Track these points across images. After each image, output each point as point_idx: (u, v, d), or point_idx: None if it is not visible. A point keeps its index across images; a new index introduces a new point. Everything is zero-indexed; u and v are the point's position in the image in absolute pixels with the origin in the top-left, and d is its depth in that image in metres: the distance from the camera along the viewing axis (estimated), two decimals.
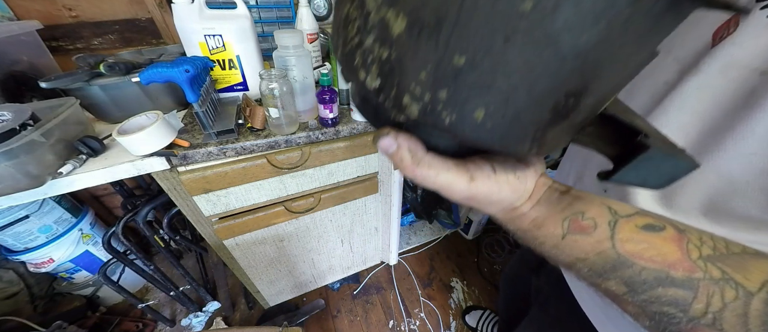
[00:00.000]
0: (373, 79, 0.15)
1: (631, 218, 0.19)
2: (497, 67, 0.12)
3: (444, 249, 1.53)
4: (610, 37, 0.12)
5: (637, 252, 0.18)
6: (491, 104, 0.13)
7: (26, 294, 0.98)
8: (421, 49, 0.13)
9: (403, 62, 0.14)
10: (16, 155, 0.46)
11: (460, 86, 0.13)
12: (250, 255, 0.91)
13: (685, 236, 0.18)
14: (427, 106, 0.14)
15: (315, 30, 0.82)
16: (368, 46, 0.15)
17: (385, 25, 0.14)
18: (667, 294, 0.17)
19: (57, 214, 0.96)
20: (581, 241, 0.19)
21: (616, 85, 0.15)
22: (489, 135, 0.15)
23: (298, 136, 0.67)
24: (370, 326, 1.22)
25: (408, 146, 0.19)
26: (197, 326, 1.17)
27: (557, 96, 0.13)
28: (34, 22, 0.74)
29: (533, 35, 0.11)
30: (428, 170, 0.19)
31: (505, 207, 0.22)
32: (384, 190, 1.01)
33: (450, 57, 0.13)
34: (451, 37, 0.12)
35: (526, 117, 0.14)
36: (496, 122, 0.14)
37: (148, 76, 0.51)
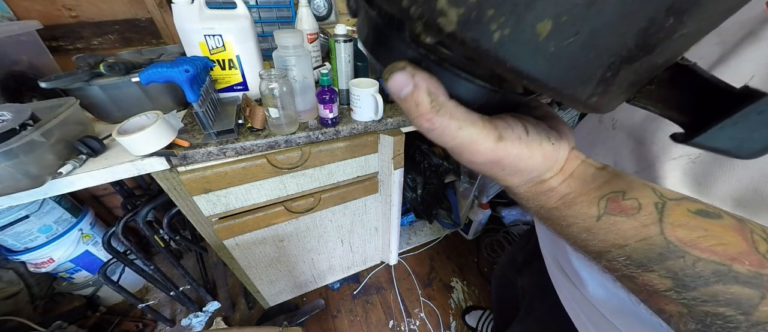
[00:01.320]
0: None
1: (681, 202, 0.16)
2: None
3: (444, 249, 1.53)
4: None
5: (691, 241, 0.15)
6: (565, 13, 0.10)
7: (26, 294, 0.98)
8: None
9: None
10: (15, 155, 0.46)
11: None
12: (250, 255, 0.91)
13: (747, 226, 0.15)
14: (470, 12, 0.10)
15: (315, 30, 0.82)
16: None
17: None
18: (728, 291, 0.14)
19: (57, 214, 0.96)
20: (621, 224, 0.16)
21: (708, 24, 0.12)
22: (549, 64, 0.11)
23: (298, 136, 0.67)
24: (370, 326, 1.22)
25: (427, 86, 0.14)
26: (197, 326, 1.17)
27: (658, 9, 0.10)
28: (34, 22, 0.74)
29: None
30: (449, 120, 0.15)
31: (532, 177, 0.19)
32: (384, 190, 1.01)
33: None
34: None
35: (605, 40, 0.10)
36: (564, 45, 0.10)
37: (148, 76, 0.51)
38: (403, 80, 0.14)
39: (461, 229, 1.57)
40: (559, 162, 0.19)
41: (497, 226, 1.60)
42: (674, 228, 0.15)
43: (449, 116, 0.15)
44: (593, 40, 0.10)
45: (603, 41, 0.10)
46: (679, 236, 0.15)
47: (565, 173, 0.19)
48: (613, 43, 0.10)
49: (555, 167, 0.19)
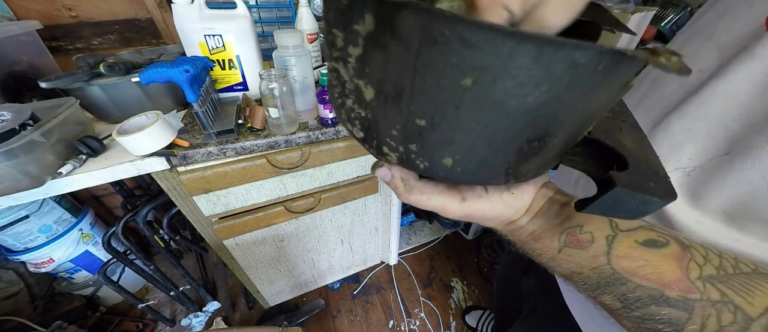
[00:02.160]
0: (358, 131, 0.18)
1: (633, 233, 0.18)
2: (454, 128, 0.14)
3: (444, 249, 1.53)
4: (558, 96, 0.12)
5: (632, 270, 0.17)
6: (456, 154, 0.15)
7: (26, 294, 0.98)
8: (389, 112, 0.15)
9: (378, 121, 0.16)
10: (15, 155, 0.46)
11: (425, 142, 0.15)
12: (250, 255, 0.91)
13: (689, 253, 0.17)
14: (402, 155, 0.16)
15: (315, 30, 0.82)
16: (349, 106, 0.17)
17: (359, 92, 0.16)
18: (661, 313, 0.17)
19: (57, 214, 0.96)
20: (577, 255, 0.19)
21: (586, 121, 0.16)
22: (461, 175, 0.16)
23: (298, 136, 0.67)
24: (370, 326, 1.22)
25: (400, 175, 0.21)
26: (197, 326, 1.17)
27: (519, 143, 0.14)
28: (34, 22, 0.74)
29: (479, 104, 0.12)
30: (420, 195, 0.21)
31: (501, 221, 0.22)
32: (384, 190, 1.01)
33: (412, 119, 0.14)
34: (410, 105, 0.14)
35: (492, 161, 0.15)
36: (465, 166, 0.15)
37: (147, 76, 0.51)
38: (384, 172, 0.21)
39: (461, 229, 1.57)
40: (523, 204, 0.22)
41: None
42: (619, 259, 0.18)
43: (419, 193, 0.21)
44: (484, 162, 0.15)
45: (492, 161, 0.15)
46: (623, 265, 0.18)
47: (531, 213, 0.22)
48: (500, 160, 0.15)
49: (520, 210, 0.22)
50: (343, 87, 0.16)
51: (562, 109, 0.13)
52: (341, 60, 0.15)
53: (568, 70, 0.11)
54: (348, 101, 0.17)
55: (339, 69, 0.16)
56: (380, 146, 0.17)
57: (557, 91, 0.12)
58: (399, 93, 0.14)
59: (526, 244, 0.22)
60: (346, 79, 0.16)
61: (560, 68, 0.11)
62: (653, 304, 0.17)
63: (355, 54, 0.14)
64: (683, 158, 0.27)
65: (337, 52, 0.15)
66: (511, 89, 0.12)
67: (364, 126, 0.17)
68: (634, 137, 0.18)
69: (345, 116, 0.18)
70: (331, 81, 0.18)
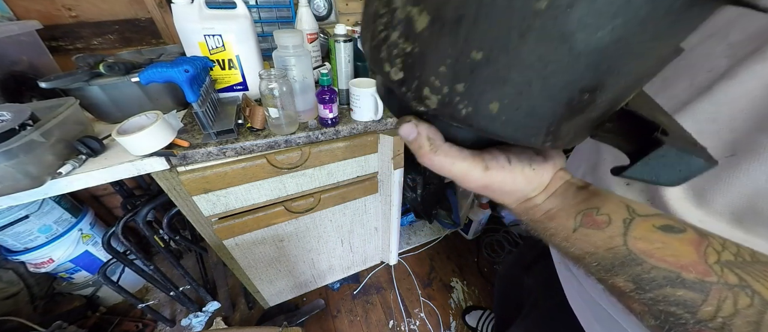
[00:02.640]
0: (397, 71, 0.16)
1: (649, 218, 0.18)
2: (512, 63, 0.13)
3: (444, 249, 1.53)
4: (626, 36, 0.12)
5: (648, 251, 0.17)
6: (505, 97, 0.14)
7: (26, 294, 0.98)
8: (441, 44, 0.14)
9: (425, 56, 0.15)
10: (15, 155, 0.46)
11: (476, 80, 0.14)
12: (250, 255, 0.91)
13: (706, 240, 0.17)
14: (445, 98, 0.15)
15: (315, 30, 0.82)
16: (393, 41, 0.15)
17: (409, 21, 0.14)
18: (676, 294, 0.16)
19: (57, 214, 0.96)
20: (592, 236, 0.19)
21: (636, 82, 0.15)
22: (503, 127, 0.15)
23: (298, 136, 0.67)
24: (370, 326, 1.22)
25: (427, 134, 0.19)
26: (197, 326, 1.17)
27: (572, 91, 0.14)
28: (33, 22, 0.74)
29: (547, 32, 0.12)
30: (445, 158, 0.20)
31: (519, 197, 0.22)
32: (384, 190, 1.01)
33: (468, 52, 0.13)
34: (470, 33, 0.13)
35: (539, 111, 0.14)
36: (510, 115, 0.14)
37: (147, 76, 0.51)
38: (409, 129, 0.19)
39: (461, 229, 1.57)
40: (542, 183, 0.22)
41: (497, 226, 1.60)
42: (636, 241, 0.18)
43: (444, 155, 0.19)
44: (532, 111, 0.14)
45: (538, 112, 0.14)
46: (639, 247, 0.18)
47: (549, 192, 0.22)
48: (548, 111, 0.14)
49: (539, 188, 0.22)
50: (392, 16, 0.15)
51: (625, 54, 0.12)
52: None
53: (648, 2, 0.11)
54: (393, 34, 0.15)
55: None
56: (421, 87, 0.15)
57: (629, 28, 0.11)
58: (459, 19, 0.13)
59: (540, 223, 0.22)
60: (397, 6, 0.15)
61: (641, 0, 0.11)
62: (668, 286, 0.16)
63: None
64: None
65: None
66: (585, 18, 0.11)
67: (407, 64, 0.15)
68: (664, 115, 0.17)
69: (385, 54, 0.16)
70: (376, 11, 0.16)
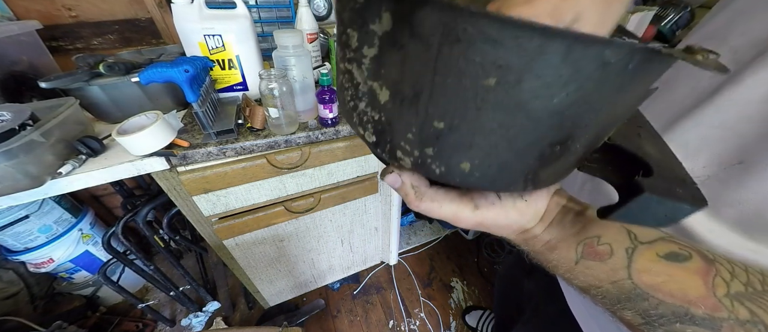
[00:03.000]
0: (370, 135, 0.17)
1: (653, 245, 0.18)
2: (474, 130, 0.13)
3: (444, 249, 1.53)
4: (584, 97, 0.12)
5: (655, 285, 0.16)
6: (475, 158, 0.14)
7: (26, 294, 0.98)
8: (404, 115, 0.14)
9: (392, 124, 0.15)
10: (15, 155, 0.46)
11: (443, 145, 0.14)
12: (250, 255, 0.91)
13: (714, 268, 0.16)
14: (417, 160, 0.15)
15: (315, 30, 0.82)
16: (362, 109, 0.16)
17: (372, 94, 0.15)
18: (686, 331, 0.16)
19: (57, 214, 0.96)
20: (595, 268, 0.18)
21: (608, 126, 0.15)
22: (479, 181, 0.15)
23: (298, 136, 0.67)
24: (370, 326, 1.22)
25: (411, 182, 0.19)
26: (197, 326, 1.17)
27: (541, 147, 0.14)
28: (33, 22, 0.74)
29: (502, 104, 0.12)
30: (431, 203, 0.20)
31: (515, 229, 0.21)
32: (384, 190, 1.01)
33: (430, 122, 0.14)
34: (429, 106, 0.13)
35: (511, 166, 0.15)
36: (484, 171, 0.15)
37: (147, 76, 0.51)
38: (393, 178, 0.20)
39: (461, 229, 1.57)
40: (537, 212, 0.21)
41: None
42: (640, 274, 0.17)
43: (430, 200, 0.19)
44: (504, 167, 0.14)
45: (511, 167, 0.14)
46: (644, 281, 0.17)
47: (546, 221, 0.21)
48: (520, 166, 0.14)
49: (534, 218, 0.21)
50: (356, 89, 0.16)
51: (588, 110, 0.12)
52: (355, 61, 0.15)
53: (597, 69, 0.11)
54: (361, 104, 0.16)
55: (352, 70, 0.15)
56: (394, 150, 0.16)
57: (585, 92, 0.11)
58: (417, 94, 0.13)
59: (542, 255, 0.21)
60: (359, 82, 0.15)
61: (589, 67, 0.11)
62: (678, 322, 0.16)
63: (370, 55, 0.14)
64: (697, 167, 0.26)
65: (350, 53, 0.15)
66: (536, 89, 0.11)
67: (377, 130, 0.16)
68: (654, 143, 0.17)
69: (357, 120, 0.17)
70: (342, 83, 0.17)
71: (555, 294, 0.46)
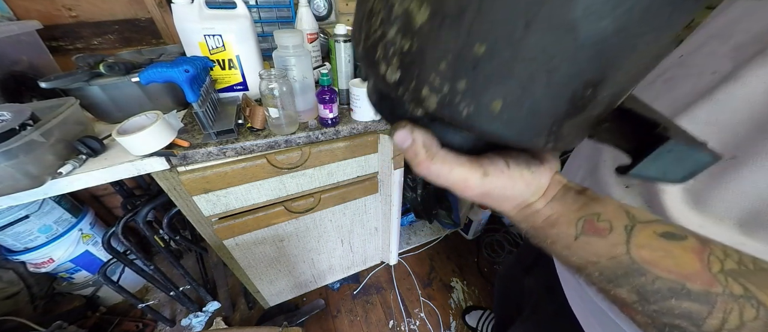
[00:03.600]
0: (393, 71, 0.15)
1: (650, 224, 0.18)
2: (516, 55, 0.12)
3: (444, 249, 1.53)
4: (629, 24, 0.12)
5: (652, 260, 0.17)
6: (509, 95, 0.13)
7: (26, 294, 0.98)
8: (442, 39, 0.13)
9: (425, 53, 0.14)
10: (15, 155, 0.46)
11: (479, 76, 0.13)
12: (250, 255, 0.91)
13: (708, 248, 0.17)
14: (445, 98, 0.14)
15: (315, 30, 0.82)
16: (391, 38, 0.15)
17: (408, 15, 0.14)
18: (681, 306, 0.16)
19: (57, 214, 0.96)
20: (595, 244, 0.18)
21: (635, 75, 0.15)
22: (506, 127, 0.15)
23: (298, 136, 0.67)
24: (370, 326, 1.22)
25: (423, 141, 0.18)
26: (197, 326, 1.17)
27: (575, 85, 0.13)
28: (33, 22, 0.74)
29: (553, 21, 0.11)
30: (442, 165, 0.19)
31: (519, 203, 0.21)
32: (384, 190, 1.01)
33: (471, 46, 0.13)
34: (473, 25, 0.12)
35: (543, 108, 0.14)
36: (513, 114, 0.14)
37: (147, 76, 0.51)
38: (404, 136, 0.18)
39: (461, 229, 1.57)
40: (541, 187, 0.21)
41: (497, 226, 1.60)
42: (639, 249, 0.17)
43: (441, 162, 0.19)
44: (534, 110, 0.14)
45: (542, 110, 0.14)
46: (642, 255, 0.17)
47: (548, 197, 0.21)
48: (551, 108, 0.14)
49: (538, 192, 0.21)
50: (390, 12, 0.14)
51: (626, 46, 0.12)
52: None
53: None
54: (391, 30, 0.15)
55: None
56: (419, 88, 0.15)
57: (631, 17, 0.11)
58: (462, 10, 0.12)
59: (541, 230, 0.21)
60: (395, 1, 0.14)
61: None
62: (673, 297, 0.16)
63: None
64: None
65: None
66: (589, 6, 0.11)
67: (405, 62, 0.15)
68: (658, 113, 0.17)
69: (381, 53, 0.16)
70: (371, 8, 0.16)
71: (554, 292, 0.46)
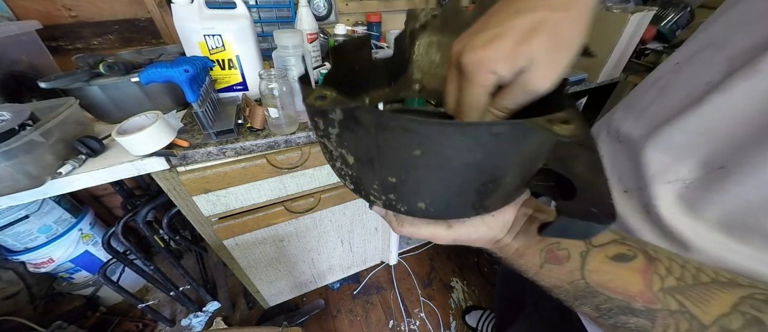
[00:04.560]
0: (349, 184, 0.22)
1: (605, 248, 0.21)
2: (419, 181, 0.17)
3: (444, 249, 1.53)
4: (492, 154, 0.15)
5: (602, 283, 0.20)
6: (427, 198, 0.18)
7: (26, 294, 0.98)
8: (367, 173, 0.19)
9: (361, 178, 0.20)
10: (15, 155, 0.46)
11: (399, 192, 0.19)
12: (250, 255, 0.91)
13: (653, 265, 0.19)
14: (386, 202, 0.20)
15: (315, 30, 0.82)
16: (339, 167, 0.21)
17: (343, 157, 0.20)
18: (630, 321, 0.19)
19: (57, 214, 0.96)
20: (556, 271, 0.21)
21: (530, 164, 0.18)
22: (436, 214, 0.20)
23: (298, 136, 0.67)
24: (370, 326, 1.22)
25: (392, 213, 0.24)
26: (197, 326, 1.17)
27: (474, 187, 0.17)
28: (33, 22, 0.74)
29: (431, 165, 0.16)
30: (411, 227, 0.24)
31: (488, 240, 0.24)
32: None
33: (385, 177, 0.18)
34: (381, 168, 0.18)
35: (456, 202, 0.19)
36: (436, 208, 0.19)
37: (147, 76, 0.51)
38: (378, 209, 0.25)
39: None
40: (506, 223, 0.24)
41: None
42: (591, 274, 0.20)
43: (410, 225, 0.24)
44: (450, 203, 0.19)
45: (456, 203, 0.19)
46: (594, 280, 0.20)
47: (514, 232, 0.24)
48: (464, 200, 0.19)
49: (503, 230, 0.24)
50: (331, 154, 0.21)
51: (500, 161, 0.16)
52: (326, 136, 0.19)
53: (491, 138, 0.14)
54: (337, 163, 0.21)
55: (325, 143, 0.20)
56: (368, 195, 0.21)
57: (490, 152, 0.15)
58: (370, 160, 0.18)
59: (513, 261, 0.24)
60: (331, 149, 0.20)
61: (485, 138, 0.14)
62: (622, 314, 0.19)
63: (334, 133, 0.18)
64: (683, 170, 0.28)
65: (321, 132, 0.19)
66: (451, 154, 0.15)
67: (353, 180, 0.21)
68: (588, 162, 0.19)
69: (337, 173, 0.22)
70: (322, 150, 0.22)
71: None
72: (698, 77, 0.29)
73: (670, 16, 1.11)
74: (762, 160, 0.23)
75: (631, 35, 1.01)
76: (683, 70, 0.32)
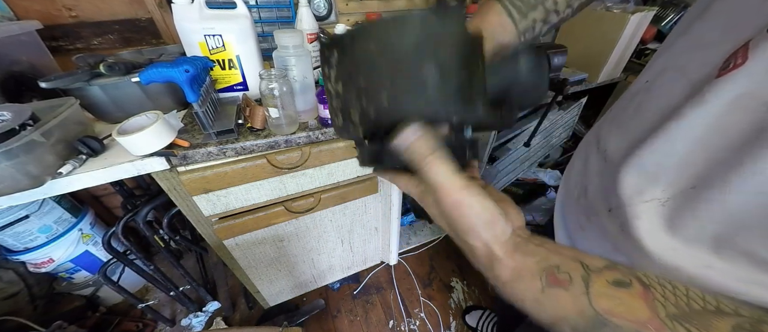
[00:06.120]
0: (338, 118, 0.27)
1: (601, 273, 0.20)
2: (380, 74, 0.22)
3: (444, 249, 1.53)
4: (421, 43, 0.21)
5: (609, 309, 0.18)
6: (387, 88, 0.22)
7: (26, 294, 0.98)
8: (348, 89, 0.24)
9: (346, 101, 0.25)
10: (15, 155, 0.46)
11: (368, 93, 0.23)
12: (250, 255, 0.91)
13: (650, 292, 0.19)
14: (362, 117, 0.24)
15: (315, 30, 0.82)
16: (334, 106, 0.27)
17: (336, 91, 0.26)
18: None
19: (57, 214, 0.96)
20: (560, 295, 0.20)
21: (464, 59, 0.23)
22: (397, 107, 0.23)
23: (298, 136, 0.67)
24: (370, 326, 1.22)
25: (427, 138, 0.24)
26: (197, 326, 1.17)
27: (421, 74, 0.22)
28: (33, 22, 0.74)
29: (383, 52, 0.22)
30: (440, 164, 0.22)
31: (483, 241, 0.23)
32: (384, 190, 1.01)
33: (359, 84, 0.23)
34: (357, 77, 0.23)
35: (411, 89, 0.22)
36: (397, 100, 0.23)
37: (148, 76, 0.51)
38: (414, 129, 0.23)
39: None
40: (505, 232, 0.23)
41: None
42: (598, 298, 0.19)
43: (440, 161, 0.23)
44: (409, 92, 0.22)
45: (412, 90, 0.22)
46: (602, 306, 0.19)
47: (509, 246, 0.23)
48: (415, 89, 0.22)
49: (502, 235, 0.22)
50: (330, 93, 0.27)
51: (429, 42, 0.21)
52: (328, 79, 0.26)
53: (420, 19, 0.21)
54: (333, 101, 0.26)
55: (328, 86, 0.27)
56: (347, 112, 0.25)
57: (421, 33, 0.21)
58: (349, 75, 0.24)
59: (509, 286, 0.23)
60: (331, 89, 0.26)
61: (413, 20, 0.21)
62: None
63: (334, 62, 0.25)
64: (657, 190, 0.29)
65: (325, 69, 0.26)
66: (395, 41, 0.21)
67: (342, 109, 0.26)
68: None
69: (332, 113, 0.28)
70: (328, 98, 0.28)
71: None
72: (666, 98, 0.31)
73: (670, 16, 1.11)
74: (722, 184, 0.24)
75: (631, 35, 1.01)
76: (652, 90, 0.34)
